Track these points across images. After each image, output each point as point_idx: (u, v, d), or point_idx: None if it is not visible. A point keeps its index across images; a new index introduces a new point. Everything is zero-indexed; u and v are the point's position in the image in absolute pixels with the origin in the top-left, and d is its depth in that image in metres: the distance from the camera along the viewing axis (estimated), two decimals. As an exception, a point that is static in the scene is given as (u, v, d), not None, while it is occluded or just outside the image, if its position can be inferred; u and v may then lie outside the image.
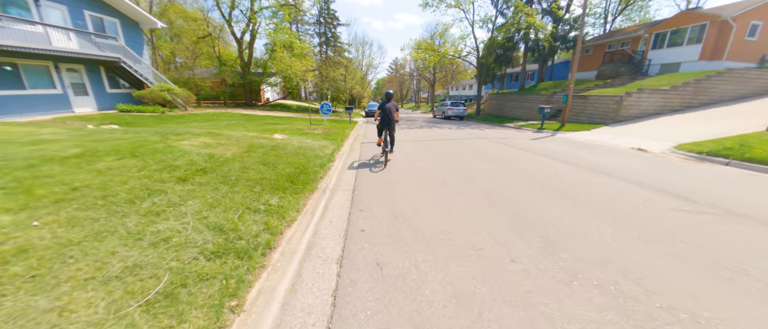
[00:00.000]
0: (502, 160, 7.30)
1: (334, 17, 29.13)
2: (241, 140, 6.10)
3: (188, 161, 4.22)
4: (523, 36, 25.45)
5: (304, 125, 12.63)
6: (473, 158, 7.55)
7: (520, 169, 6.34)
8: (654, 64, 21.62)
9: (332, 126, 13.18)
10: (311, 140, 8.35)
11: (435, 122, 20.49)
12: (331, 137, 9.60)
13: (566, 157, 7.87)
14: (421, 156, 7.67)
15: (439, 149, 8.74)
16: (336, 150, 7.64)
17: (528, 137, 12.32)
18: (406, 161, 6.97)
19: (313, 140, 8.44)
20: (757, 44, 18.92)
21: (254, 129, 10.01)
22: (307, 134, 9.59)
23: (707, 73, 15.95)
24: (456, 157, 7.62)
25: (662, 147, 9.78)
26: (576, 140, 11.78)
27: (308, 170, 5.03)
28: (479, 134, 13.17)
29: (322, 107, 14.14)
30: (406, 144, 9.76)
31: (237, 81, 26.18)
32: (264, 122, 13.37)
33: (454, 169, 6.22)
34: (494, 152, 8.33)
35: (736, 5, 19.18)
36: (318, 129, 11.32)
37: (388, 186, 4.86)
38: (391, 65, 68.60)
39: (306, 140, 8.01)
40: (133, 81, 17.12)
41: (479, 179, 5.43)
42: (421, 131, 14.40)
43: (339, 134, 10.55)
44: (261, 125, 11.59)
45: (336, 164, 6.38)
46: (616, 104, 15.04)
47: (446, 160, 7.23)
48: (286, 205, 3.53)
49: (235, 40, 25.45)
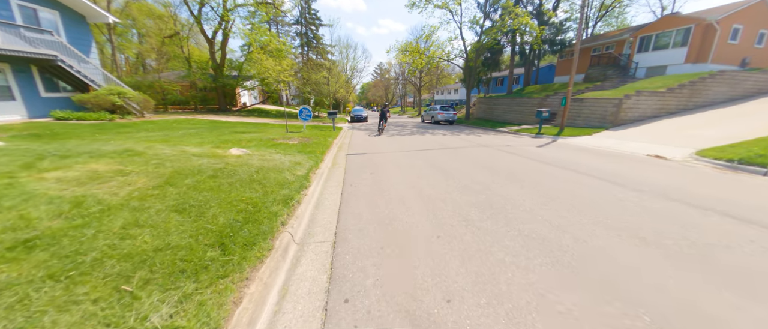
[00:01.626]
0: (520, 176, 5.72)
1: (316, 17, 27.06)
2: (167, 163, 4.15)
3: (16, 217, 2.28)
4: (510, 39, 24.61)
5: (278, 134, 10.64)
6: (486, 174, 5.93)
7: (550, 189, 4.79)
8: (640, 67, 21.26)
9: (312, 134, 11.26)
10: (281, 154, 6.45)
11: (425, 127, 18.97)
12: (310, 149, 7.72)
13: (587, 168, 6.51)
14: (423, 174, 5.96)
15: (442, 163, 7.08)
16: (313, 168, 5.79)
17: (530, 143, 10.95)
18: (408, 183, 5.24)
19: (284, 154, 6.54)
20: (738, 47, 18.84)
21: (211, 141, 7.96)
22: (278, 147, 7.66)
23: (700, 75, 15.41)
24: (466, 174, 5.97)
25: (681, 154, 8.72)
26: (583, 146, 10.54)
27: (262, 211, 3.16)
28: (478, 141, 11.68)
29: (301, 113, 12.22)
30: (401, 156, 8.04)
31: (209, 84, 23.64)
32: (231, 130, 11.26)
33: (472, 194, 4.55)
34: (506, 165, 6.77)
35: (719, 9, 19.08)
36: (294, 139, 9.39)
37: (391, 235, 3.10)
38: (376, 70, 67.19)
39: (273, 156, 6.10)
40: (77, 84, 14.44)
41: (512, 212, 3.78)
42: (414, 138, 12.76)
43: (319, 145, 8.68)
44: (223, 135, 9.51)
45: (312, 191, 4.54)
46: (614, 106, 14.09)
47: (456, 178, 5.56)
48: (194, 315, 1.67)
49: (206, 41, 22.97)
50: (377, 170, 6.27)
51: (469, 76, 23.71)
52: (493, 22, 23.32)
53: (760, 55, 19.53)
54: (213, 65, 22.90)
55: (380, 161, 7.28)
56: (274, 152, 6.51)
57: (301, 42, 27.32)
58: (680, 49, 19.21)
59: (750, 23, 18.57)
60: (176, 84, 24.89)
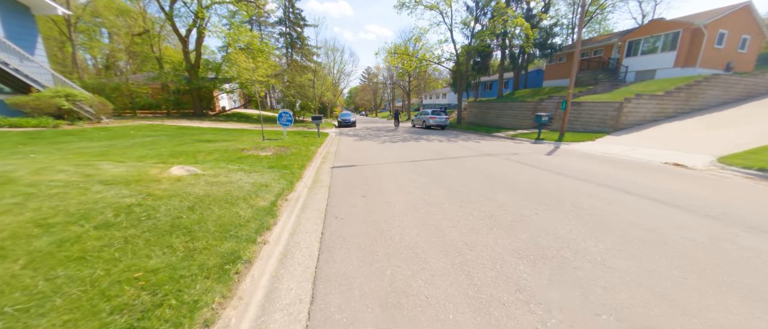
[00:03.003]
0: (549, 196, 4.45)
1: (301, 17, 25.31)
2: (35, 201, 2.55)
3: None
4: (500, 43, 23.91)
5: (251, 143, 9.02)
6: (508, 194, 4.62)
7: (596, 216, 3.51)
8: (630, 71, 20.96)
9: (293, 142, 9.69)
10: (244, 173, 4.90)
11: (417, 133, 17.71)
12: (286, 162, 6.20)
13: (615, 181, 5.43)
14: (432, 195, 4.58)
15: (449, 178, 5.73)
16: (285, 192, 4.29)
17: (535, 150, 9.85)
18: (415, 213, 3.84)
19: (247, 172, 4.99)
20: (723, 52, 18.80)
21: (158, 154, 6.29)
22: (245, 160, 6.09)
23: (695, 79, 14.98)
24: (483, 194, 4.63)
25: (702, 162, 7.86)
26: (591, 153, 9.57)
27: (165, 304, 1.65)
28: (478, 148, 10.47)
29: (281, 117, 10.64)
30: (398, 168, 6.64)
31: (183, 87, 21.51)
32: (196, 137, 9.54)
33: (507, 231, 3.20)
34: (525, 180, 5.50)
35: (706, 14, 19.02)
36: (269, 148, 7.80)
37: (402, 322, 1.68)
38: (364, 74, 65.93)
39: (232, 176, 4.55)
40: (18, 85, 12.23)
41: (579, 264, 2.44)
42: (408, 145, 11.42)
43: (299, 156, 7.16)
44: (182, 145, 7.82)
45: (276, 234, 3.05)
46: (615, 110, 13.31)
47: (474, 202, 4.21)
48: None
49: (179, 40, 20.90)
50: (371, 190, 4.84)
51: (460, 79, 22.76)
52: (483, 26, 22.51)
53: (743, 60, 19.62)
54: (187, 66, 20.85)
55: (374, 176, 5.85)
56: (235, 170, 4.95)
57: (285, 43, 25.56)
58: (669, 53, 18.98)
59: (734, 28, 18.57)
60: (146, 87, 22.57)
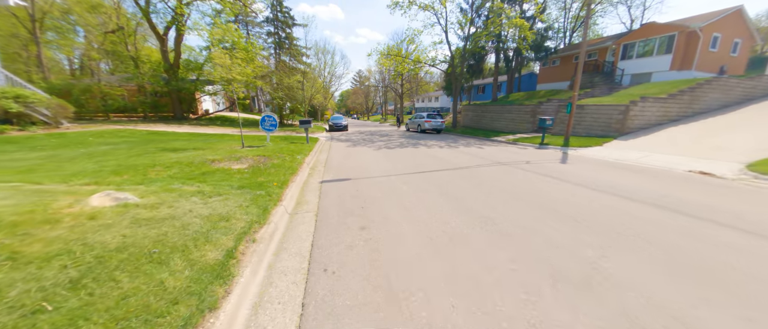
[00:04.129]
0: (590, 221, 3.40)
1: (289, 16, 23.95)
2: None
3: None
4: (495, 45, 23.24)
5: (226, 152, 7.71)
6: (548, 221, 3.54)
7: (656, 249, 2.45)
8: (625, 74, 20.59)
9: (277, 150, 8.42)
10: (201, 197, 3.66)
11: (413, 137, 16.66)
12: (264, 178, 4.97)
13: (647, 195, 4.64)
14: (451, 221, 3.46)
15: (464, 196, 4.63)
16: (253, 228, 3.08)
17: (545, 157, 8.91)
18: (433, 250, 2.72)
19: (208, 196, 3.75)
20: (717, 55, 18.61)
21: (102, 168, 4.97)
22: (211, 176, 4.83)
23: (697, 81, 14.52)
24: (516, 222, 3.54)
25: (729, 170, 7.17)
26: (603, 159, 8.76)
27: None
28: (483, 155, 9.47)
29: (263, 122, 9.37)
30: (400, 182, 5.50)
31: (161, 88, 19.84)
32: (163, 145, 8.17)
33: (575, 285, 2.10)
34: (555, 198, 4.45)
35: (700, 17, 18.82)
36: (246, 159, 6.53)
37: None
38: (355, 77, 64.80)
39: (180, 205, 3.30)
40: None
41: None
42: (406, 151, 10.31)
43: (281, 169, 5.93)
44: (142, 155, 6.48)
45: (230, 309, 1.85)
46: (620, 114, 12.61)
47: (508, 233, 3.10)
48: None
49: (157, 38, 19.27)
50: (372, 217, 3.68)
51: (455, 82, 21.92)
52: (477, 28, 21.76)
53: (735, 63, 19.51)
54: (165, 66, 19.21)
55: (373, 194, 4.69)
56: (189, 194, 3.69)
57: (272, 42, 24.15)
58: (665, 56, 18.65)
59: (727, 32, 18.42)
60: (121, 88, 20.75)
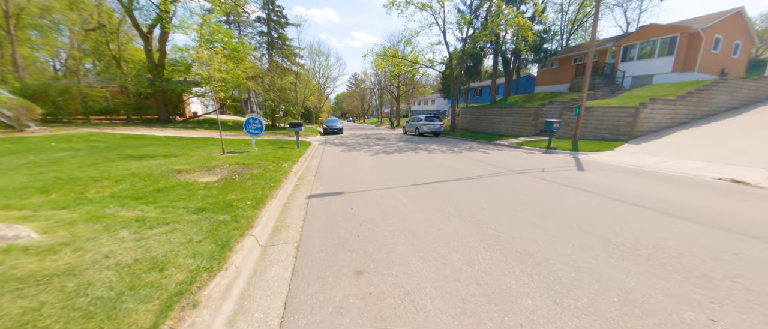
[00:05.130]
0: (649, 251, 2.50)
1: (282, 15, 22.86)
2: None
3: None
4: (494, 47, 22.57)
5: (203, 158, 6.68)
6: (603, 255, 2.63)
7: None
8: (626, 76, 20.08)
9: (261, 156, 7.40)
10: (137, 228, 2.65)
11: (411, 141, 15.76)
12: (235, 195, 3.97)
13: (695, 212, 3.61)
14: (478, 258, 2.52)
15: (485, 217, 3.70)
16: (198, 279, 2.08)
17: (556, 163, 8.07)
18: (462, 313, 1.76)
19: (148, 226, 2.75)
20: (719, 57, 18.19)
21: (33, 182, 3.93)
22: (167, 193, 3.82)
23: (703, 83, 13.95)
24: (568, 261, 2.62)
25: (764, 177, 6.35)
26: (620, 166, 8.04)
27: None
28: (491, 161, 8.59)
29: (247, 125, 8.36)
30: (404, 196, 4.56)
31: (145, 90, 18.64)
32: (131, 152, 7.11)
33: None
34: (594, 217, 3.56)
35: (702, 18, 18.40)
36: (221, 168, 5.51)
37: None
38: (351, 80, 63.93)
39: (93, 247, 2.29)
40: None
41: None
42: (406, 157, 9.38)
43: (261, 181, 4.94)
44: (96, 164, 5.43)
45: None
46: (630, 116, 11.91)
47: (558, 278, 2.18)
48: None
49: (141, 36, 18.11)
50: (372, 255, 2.72)
51: (453, 84, 21.15)
52: (475, 29, 21.06)
53: (736, 65, 19.13)
54: (150, 66, 18.03)
55: (372, 215, 3.73)
56: (119, 225, 2.68)
57: (265, 41, 23.08)
58: (667, 57, 18.15)
59: (728, 34, 18.02)
60: (102, 89, 19.49)
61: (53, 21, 22.22)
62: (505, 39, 22.43)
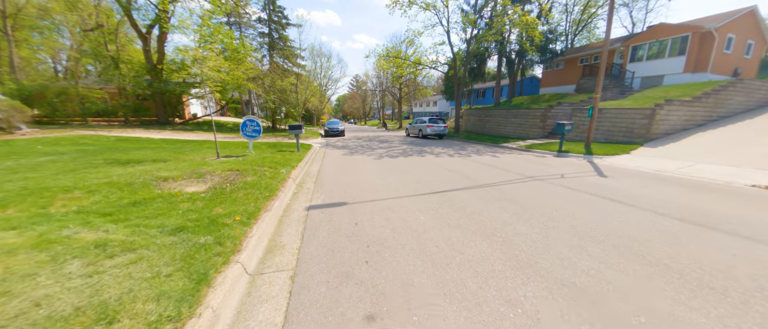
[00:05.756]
0: (718, 284, 1.96)
1: (283, 15, 22.44)
2: None
3: None
4: (499, 47, 22.05)
5: (195, 163, 6.19)
6: (675, 293, 2.09)
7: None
8: (635, 77, 19.50)
9: (258, 161, 6.90)
10: (94, 256, 2.14)
11: (416, 143, 15.25)
12: (224, 208, 3.46)
13: (754, 228, 2.92)
14: (518, 297, 1.99)
15: (510, 233, 3.17)
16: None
17: (573, 168, 7.53)
18: None
19: (107, 254, 2.23)
20: (731, 57, 17.59)
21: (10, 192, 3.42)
22: (145, 207, 3.30)
23: (720, 84, 13.37)
24: (631, 300, 2.08)
25: None
26: (640, 170, 7.55)
27: None
28: (502, 166, 8.06)
29: (244, 127, 7.87)
30: (417, 208, 4.03)
31: (144, 91, 18.23)
32: (120, 156, 6.64)
33: None
34: (640, 235, 3.02)
35: (714, 17, 17.83)
36: (212, 175, 5.00)
37: None
38: (352, 82, 63.58)
39: (30, 285, 1.78)
40: None
41: None
42: (413, 161, 8.86)
43: (255, 190, 4.43)
44: (77, 170, 4.95)
45: None
46: (645, 118, 11.34)
47: (629, 324, 1.65)
48: None
49: (139, 36, 17.73)
50: (385, 290, 2.19)
51: (457, 85, 20.64)
52: (479, 29, 20.56)
53: (748, 66, 18.52)
54: (148, 67, 17.63)
55: (381, 234, 3.21)
56: (72, 253, 2.17)
57: (266, 42, 22.64)
58: (677, 57, 17.57)
59: (740, 33, 17.44)
60: (100, 91, 19.13)
61: (53, 22, 21.94)
62: (510, 39, 21.95)
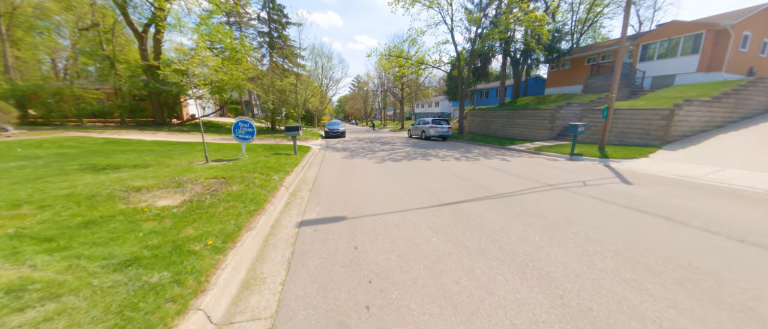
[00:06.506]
0: None
1: (283, 14, 21.87)
2: None
3: None
4: (504, 47, 21.39)
5: (181, 168, 5.61)
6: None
7: None
8: (646, 76, 18.81)
9: (249, 166, 6.31)
10: None
11: (419, 146, 14.64)
12: (195, 229, 2.85)
13: None
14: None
15: (546, 261, 2.54)
16: None
17: (592, 174, 6.90)
18: None
19: (10, 307, 1.63)
20: (747, 56, 16.85)
21: None
22: (95, 228, 2.71)
23: (739, 83, 12.69)
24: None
25: None
26: (663, 175, 6.94)
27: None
28: (514, 170, 7.43)
29: (236, 129, 7.32)
30: (429, 228, 3.42)
31: (140, 91, 17.74)
32: (97, 162, 6.09)
33: None
34: (692, 259, 2.39)
35: (730, 14, 17.12)
36: (193, 184, 4.41)
37: None
38: (354, 83, 63.06)
39: None
40: None
41: None
42: (418, 166, 8.25)
43: (239, 202, 3.83)
44: (41, 181, 4.38)
45: None
46: (663, 119, 10.68)
47: None
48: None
49: (135, 35, 17.24)
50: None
51: (461, 85, 20.02)
52: (483, 28, 19.91)
53: (764, 65, 17.75)
54: (144, 67, 17.12)
55: (386, 262, 2.60)
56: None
57: (265, 41, 22.10)
58: (690, 56, 16.87)
59: (757, 31, 16.70)
60: (96, 91, 18.65)
61: (53, 22, 21.51)
62: (515, 38, 21.31)
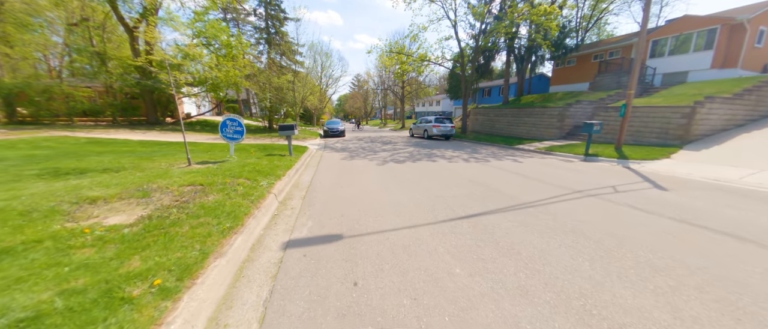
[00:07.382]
0: None
1: (281, 9, 21.08)
2: None
3: None
4: (508, 43, 20.65)
5: (159, 171, 4.92)
6: None
7: None
8: (657, 73, 18.08)
9: (236, 169, 5.61)
10: None
11: (422, 145, 13.94)
12: (143, 262, 2.16)
13: None
14: None
15: (606, 301, 1.85)
16: None
17: (618, 178, 6.20)
18: None
19: None
20: (763, 51, 16.13)
21: None
22: (5, 262, 2.00)
23: (760, 79, 11.97)
24: None
25: None
26: (692, 179, 6.37)
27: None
28: (530, 173, 6.72)
29: (223, 127, 6.63)
30: (437, 243, 2.73)
31: (132, 88, 17.03)
32: (63, 166, 5.39)
33: None
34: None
35: (746, 8, 16.38)
36: (163, 192, 3.72)
37: None
38: (353, 81, 62.30)
39: None
40: None
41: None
42: (423, 168, 7.55)
43: (215, 217, 3.13)
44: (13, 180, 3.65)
45: None
46: (684, 117, 9.97)
47: None
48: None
49: (125, 30, 16.51)
50: None
51: (464, 83, 19.30)
52: (486, 24, 19.15)
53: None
54: (135, 63, 16.39)
55: (399, 316, 1.91)
56: None
57: (262, 37, 21.36)
58: (704, 52, 16.14)
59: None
60: (87, 89, 17.93)
61: (45, 18, 20.74)
62: (520, 34, 20.59)
